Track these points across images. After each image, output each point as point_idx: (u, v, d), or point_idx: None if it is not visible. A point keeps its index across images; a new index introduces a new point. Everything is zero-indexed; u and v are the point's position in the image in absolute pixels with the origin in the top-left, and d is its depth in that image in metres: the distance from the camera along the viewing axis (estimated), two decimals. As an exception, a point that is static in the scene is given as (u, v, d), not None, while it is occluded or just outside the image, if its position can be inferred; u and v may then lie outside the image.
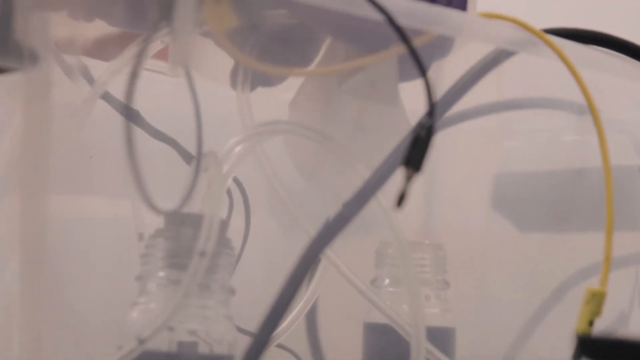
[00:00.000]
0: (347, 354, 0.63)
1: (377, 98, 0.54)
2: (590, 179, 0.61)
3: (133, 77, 0.44)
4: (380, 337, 0.60)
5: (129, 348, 0.46)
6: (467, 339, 0.61)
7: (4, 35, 0.42)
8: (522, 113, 0.63)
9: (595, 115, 0.49)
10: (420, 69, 0.43)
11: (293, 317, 0.57)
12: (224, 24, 0.47)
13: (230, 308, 0.50)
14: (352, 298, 0.57)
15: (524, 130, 0.66)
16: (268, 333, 0.44)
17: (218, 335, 0.49)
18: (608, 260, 0.47)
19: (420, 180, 0.42)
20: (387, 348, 0.59)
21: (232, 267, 0.50)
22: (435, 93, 0.44)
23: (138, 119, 0.53)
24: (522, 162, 0.66)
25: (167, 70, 0.52)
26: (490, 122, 0.61)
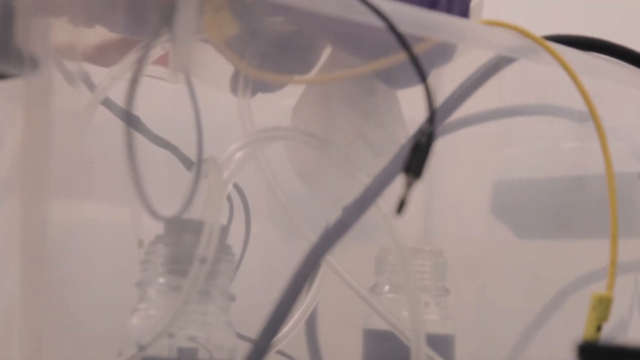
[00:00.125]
0: (346, 360, 0.63)
1: (376, 106, 0.54)
2: (591, 186, 0.61)
3: (133, 83, 0.44)
4: (380, 343, 0.59)
5: (129, 354, 0.46)
6: (467, 346, 0.61)
7: (5, 41, 0.42)
8: (522, 120, 0.63)
9: (597, 122, 0.49)
10: (421, 76, 0.43)
11: (293, 323, 0.57)
12: (224, 33, 0.47)
13: (231, 314, 0.50)
14: (352, 304, 0.57)
15: (524, 137, 0.66)
16: (268, 339, 0.44)
17: (218, 342, 0.49)
18: (614, 265, 0.47)
19: (420, 187, 0.42)
20: (387, 354, 0.59)
21: (232, 273, 0.50)
22: (436, 100, 0.44)
23: (138, 125, 0.53)
24: (522, 168, 0.66)
25: (167, 77, 0.52)
26: (491, 128, 0.61)
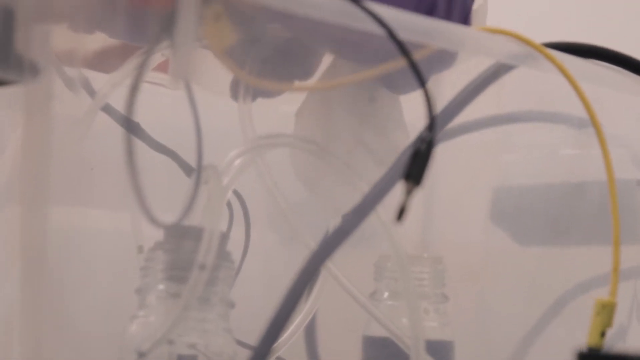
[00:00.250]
0: (345, 367, 0.63)
1: (377, 113, 0.54)
2: (590, 193, 0.62)
3: (134, 89, 0.44)
4: (380, 350, 0.59)
5: (129, 361, 0.46)
6: (466, 352, 0.61)
7: (5, 48, 0.42)
8: (521, 126, 0.63)
9: (598, 129, 0.49)
10: (421, 83, 0.43)
11: (292, 329, 0.57)
12: (223, 41, 0.47)
13: (230, 321, 0.50)
14: (351, 311, 0.57)
15: (524, 144, 0.66)
16: (268, 346, 0.44)
17: (217, 349, 0.48)
18: (616, 271, 0.47)
19: (419, 193, 0.42)
20: (386, 361, 0.59)
21: (231, 280, 0.50)
22: (436, 106, 0.44)
23: (138, 131, 0.53)
24: (521, 175, 0.66)
25: (167, 83, 0.52)
26: (490, 135, 0.61)
